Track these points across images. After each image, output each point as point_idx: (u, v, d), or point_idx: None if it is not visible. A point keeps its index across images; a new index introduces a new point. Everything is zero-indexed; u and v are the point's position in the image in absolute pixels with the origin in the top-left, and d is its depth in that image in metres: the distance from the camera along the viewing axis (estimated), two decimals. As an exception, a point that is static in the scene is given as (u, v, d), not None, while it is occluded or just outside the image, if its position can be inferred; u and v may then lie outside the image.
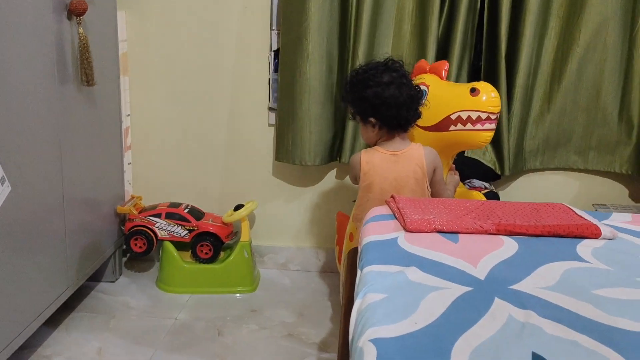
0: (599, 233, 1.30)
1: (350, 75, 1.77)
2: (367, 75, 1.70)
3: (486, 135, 1.76)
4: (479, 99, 1.72)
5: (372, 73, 1.70)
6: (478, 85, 1.74)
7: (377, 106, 1.68)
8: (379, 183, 1.73)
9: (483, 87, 1.74)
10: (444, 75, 1.84)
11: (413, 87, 1.72)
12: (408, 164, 1.72)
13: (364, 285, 1.08)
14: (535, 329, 0.92)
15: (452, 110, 1.75)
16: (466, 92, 1.74)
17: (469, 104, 1.73)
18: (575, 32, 2.16)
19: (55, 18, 1.73)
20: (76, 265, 1.96)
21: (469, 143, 1.81)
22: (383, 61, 1.74)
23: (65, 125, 1.83)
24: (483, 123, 1.73)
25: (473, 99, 1.73)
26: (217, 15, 2.30)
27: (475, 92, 1.73)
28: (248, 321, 2.07)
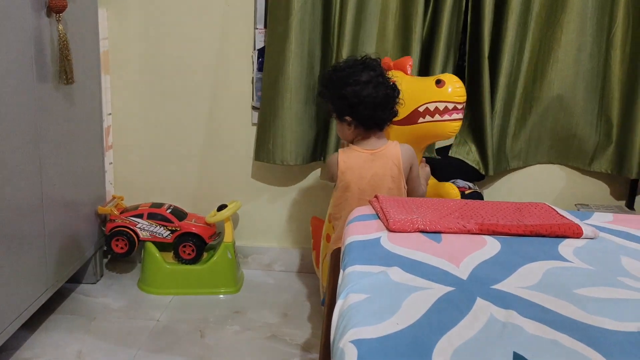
0: (580, 232, 1.31)
1: (329, 72, 1.77)
2: (345, 73, 1.70)
3: (454, 125, 1.80)
4: (445, 90, 1.77)
5: (351, 71, 1.69)
6: (443, 77, 1.79)
7: (355, 105, 1.68)
8: (357, 182, 1.73)
9: (448, 78, 1.79)
10: (408, 71, 1.86)
11: (390, 85, 1.72)
12: (385, 162, 1.72)
13: (346, 286, 1.07)
14: (516, 329, 0.92)
15: (420, 103, 1.78)
16: (432, 85, 1.78)
17: (436, 95, 1.77)
18: (556, 32, 2.18)
19: (34, 15, 1.70)
20: (56, 266, 1.93)
21: (438, 134, 1.84)
22: (361, 59, 1.74)
23: (44, 125, 1.80)
24: (450, 113, 1.77)
25: (439, 90, 1.77)
26: (200, 13, 2.28)
27: (441, 84, 1.77)
28: (231, 322, 2.05)
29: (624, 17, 2.16)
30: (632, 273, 1.15)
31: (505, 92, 2.19)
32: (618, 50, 2.20)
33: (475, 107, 2.23)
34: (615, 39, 2.19)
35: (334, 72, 1.73)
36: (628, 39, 2.18)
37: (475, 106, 2.22)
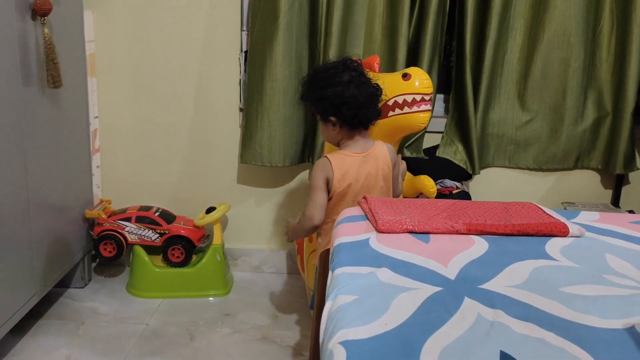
0: (567, 231, 1.32)
1: (310, 75, 1.77)
2: (327, 74, 1.70)
3: (423, 117, 1.85)
4: (412, 82, 1.83)
5: (332, 72, 1.69)
6: (409, 71, 1.86)
7: (338, 106, 1.68)
8: (353, 187, 1.71)
9: (414, 71, 1.86)
10: (376, 68, 1.88)
11: (372, 85, 1.72)
12: (376, 163, 1.72)
13: (335, 287, 1.07)
14: (503, 328, 0.93)
15: (389, 97, 1.83)
16: (399, 79, 1.85)
17: (403, 88, 1.83)
18: (539, 32, 2.20)
19: (18, 18, 1.69)
20: (43, 271, 1.92)
21: (408, 126, 1.88)
22: (341, 60, 1.74)
23: (29, 129, 1.78)
24: (419, 105, 1.83)
25: (406, 83, 1.83)
26: (187, 15, 2.27)
27: (407, 77, 1.84)
28: (221, 325, 2.05)
29: (609, 15, 2.19)
30: (617, 270, 1.17)
31: (489, 92, 2.21)
32: (604, 49, 2.22)
33: (461, 106, 2.24)
34: (600, 38, 2.22)
35: (315, 75, 1.74)
36: (613, 37, 2.21)
37: (461, 105, 2.24)
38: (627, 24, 2.15)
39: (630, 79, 2.17)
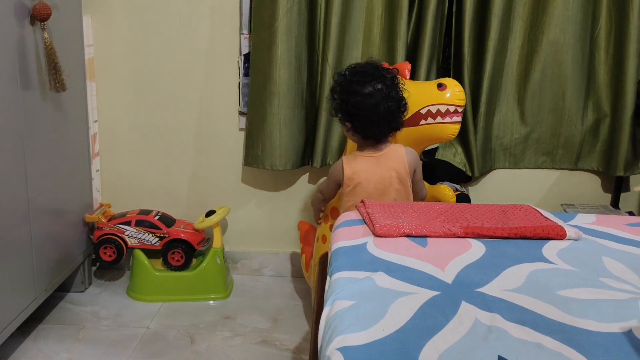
0: (564, 234, 1.33)
1: (343, 73, 1.77)
2: (354, 79, 1.71)
3: (454, 128, 1.86)
4: (445, 93, 1.84)
5: (357, 80, 1.70)
6: (444, 81, 1.87)
7: (354, 115, 1.72)
8: (364, 186, 1.75)
9: (449, 82, 1.87)
10: (407, 75, 1.90)
11: (396, 99, 1.71)
12: (390, 164, 1.75)
13: (332, 292, 1.08)
14: (500, 332, 0.93)
15: (422, 105, 1.84)
16: (434, 88, 1.85)
17: (437, 98, 1.83)
18: (538, 34, 2.20)
19: (17, 24, 1.70)
20: (44, 275, 1.92)
21: (438, 136, 1.90)
22: (372, 67, 1.73)
23: (29, 133, 1.79)
24: (452, 116, 1.84)
25: (441, 93, 1.84)
26: (186, 19, 2.28)
27: (442, 87, 1.84)
28: (221, 328, 2.05)
29: (606, 17, 2.19)
30: (614, 273, 1.17)
31: (490, 93, 2.21)
32: (602, 51, 2.23)
33: (460, 109, 2.24)
34: (599, 40, 2.22)
35: (345, 76, 1.75)
36: (611, 39, 2.21)
37: (460, 108, 2.24)
38: (624, 26, 2.15)
39: (629, 80, 2.17)
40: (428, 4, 2.12)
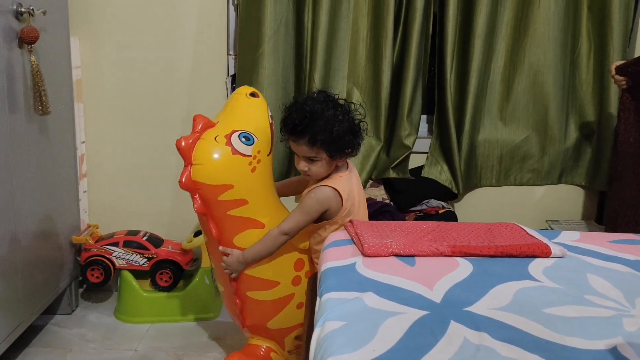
0: (549, 252, 1.35)
1: (311, 115, 1.58)
2: (333, 110, 1.60)
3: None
4: (263, 100, 1.75)
5: (331, 106, 1.61)
6: (250, 89, 1.75)
7: (355, 136, 1.64)
8: (357, 206, 1.69)
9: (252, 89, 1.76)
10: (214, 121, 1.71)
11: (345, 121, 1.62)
12: (357, 176, 1.75)
13: (322, 313, 1.08)
14: (489, 351, 0.95)
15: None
16: (248, 100, 1.72)
17: (263, 111, 1.73)
18: (520, 54, 2.26)
19: (5, 47, 1.70)
20: (30, 298, 1.90)
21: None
22: (324, 93, 1.65)
23: (16, 155, 1.79)
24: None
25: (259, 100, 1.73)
26: (173, 39, 2.30)
27: (255, 95, 1.73)
28: (210, 349, 2.04)
29: (586, 38, 2.25)
30: (598, 290, 1.19)
31: (473, 112, 2.25)
32: (583, 70, 2.28)
33: (444, 127, 2.28)
34: (579, 60, 2.28)
35: (321, 114, 1.57)
36: (591, 59, 2.27)
37: (444, 126, 2.28)
38: (604, 46, 2.21)
39: (612, 98, 2.22)
40: (412, 25, 2.16)
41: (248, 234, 1.65)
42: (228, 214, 1.62)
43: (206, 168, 1.58)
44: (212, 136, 1.61)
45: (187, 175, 1.58)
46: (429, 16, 2.21)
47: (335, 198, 1.62)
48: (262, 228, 1.66)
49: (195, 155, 1.59)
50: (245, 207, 1.62)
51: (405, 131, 2.25)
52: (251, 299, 1.72)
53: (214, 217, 1.63)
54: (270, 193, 1.72)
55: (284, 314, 1.74)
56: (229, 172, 1.59)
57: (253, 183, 1.64)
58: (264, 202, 1.68)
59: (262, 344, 1.81)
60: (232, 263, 1.65)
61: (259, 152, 1.64)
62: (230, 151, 1.59)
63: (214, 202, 1.60)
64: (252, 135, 1.64)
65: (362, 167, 2.27)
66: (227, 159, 1.59)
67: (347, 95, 2.27)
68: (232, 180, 1.59)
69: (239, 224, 1.64)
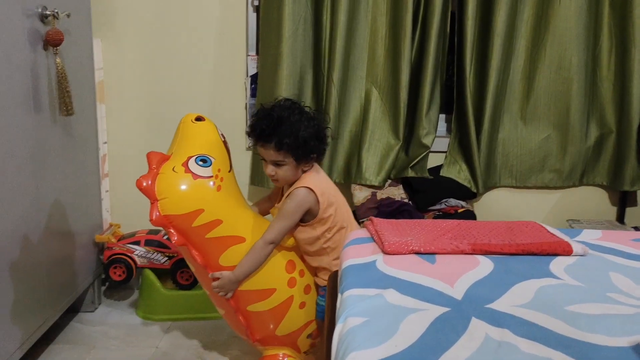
0: (570, 250, 1.34)
1: (277, 120, 1.64)
2: (299, 116, 1.67)
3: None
4: (209, 122, 1.79)
5: (297, 111, 1.69)
6: (195, 115, 1.80)
7: (321, 140, 1.71)
8: (335, 198, 1.72)
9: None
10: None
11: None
12: (325, 176, 1.78)
13: (344, 310, 1.09)
14: (511, 348, 0.95)
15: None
16: (195, 125, 1.77)
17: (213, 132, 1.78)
18: (540, 52, 2.24)
19: (31, 49, 1.74)
20: (55, 296, 1.94)
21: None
22: (288, 100, 1.72)
23: (41, 155, 1.82)
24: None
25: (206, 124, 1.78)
26: (193, 41, 2.33)
27: (201, 119, 1.78)
28: (230, 347, 2.06)
29: (607, 34, 2.23)
30: (621, 289, 1.18)
31: (493, 111, 2.24)
32: (604, 68, 2.26)
33: (463, 126, 2.28)
34: (600, 57, 2.26)
35: (287, 119, 1.63)
36: (612, 56, 2.24)
37: (463, 125, 2.27)
38: (626, 42, 2.19)
39: (634, 96, 2.20)
40: (431, 23, 2.16)
41: (232, 251, 1.66)
42: (207, 237, 1.63)
43: (172, 200, 1.60)
44: (170, 168, 1.63)
45: (157, 212, 1.60)
46: (447, 14, 2.21)
47: (310, 196, 1.66)
48: (244, 242, 1.67)
49: (158, 191, 1.61)
50: (221, 226, 1.63)
51: (423, 130, 2.25)
52: (253, 312, 1.73)
53: (194, 244, 1.64)
54: (242, 206, 1.74)
55: (289, 318, 1.75)
56: (195, 198, 1.61)
57: (222, 201, 1.65)
58: (238, 217, 1.69)
59: (278, 352, 1.82)
60: (225, 285, 1.67)
61: (220, 171, 1.67)
62: (191, 177, 1.61)
63: (190, 230, 1.61)
64: (208, 156, 1.67)
65: (381, 167, 2.27)
66: (191, 185, 1.61)
67: (366, 95, 2.28)
68: (200, 204, 1.61)
69: (220, 244, 1.65)
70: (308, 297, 1.77)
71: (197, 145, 1.70)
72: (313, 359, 1.89)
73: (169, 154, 1.72)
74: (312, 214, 1.68)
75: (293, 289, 1.74)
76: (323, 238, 1.70)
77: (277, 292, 1.72)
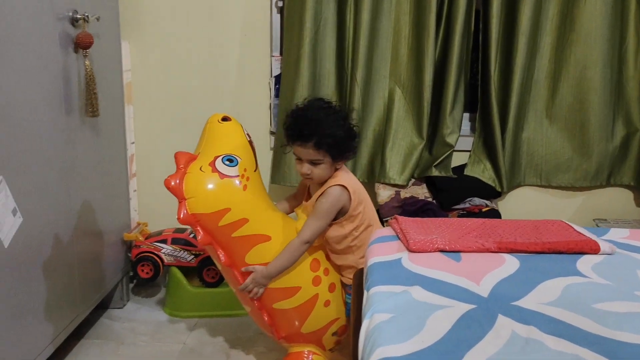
0: (597, 249, 1.34)
1: (316, 120, 1.67)
2: (336, 114, 1.72)
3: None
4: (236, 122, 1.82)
5: (333, 110, 1.74)
6: (221, 115, 1.82)
7: (354, 139, 1.76)
8: (364, 197, 1.75)
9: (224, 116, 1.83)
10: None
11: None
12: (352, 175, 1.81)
13: (370, 306, 1.11)
14: (538, 345, 0.95)
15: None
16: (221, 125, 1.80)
17: (239, 132, 1.81)
18: (566, 51, 2.22)
19: (62, 52, 1.78)
20: (85, 292, 1.99)
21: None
22: (320, 99, 1.77)
23: (73, 156, 1.87)
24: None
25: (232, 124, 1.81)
26: (218, 42, 2.36)
27: (226, 119, 1.80)
28: (256, 344, 2.09)
29: (634, 33, 2.20)
30: (650, 287, 1.18)
31: (517, 110, 2.23)
32: (630, 66, 2.23)
33: (488, 125, 2.27)
34: (627, 55, 2.23)
35: (325, 118, 1.67)
36: (639, 55, 2.21)
37: (488, 124, 2.27)
38: (653, 40, 2.16)
39: (660, 94, 2.17)
40: (455, 22, 2.16)
41: (257, 250, 1.68)
42: (233, 236, 1.65)
43: (200, 199, 1.62)
44: (197, 167, 1.66)
45: (184, 211, 1.63)
46: (471, 13, 2.20)
47: (344, 194, 1.68)
48: (269, 241, 1.69)
49: (186, 190, 1.63)
50: (247, 225, 1.65)
51: (447, 129, 2.25)
52: (278, 310, 1.75)
53: (221, 243, 1.66)
54: (268, 205, 1.75)
55: (314, 316, 1.77)
56: (222, 197, 1.63)
57: (248, 200, 1.67)
58: (263, 215, 1.71)
59: (303, 349, 1.84)
60: (258, 279, 1.69)
61: (246, 170, 1.69)
62: (218, 176, 1.64)
63: (216, 229, 1.64)
64: (235, 156, 1.69)
65: (405, 166, 2.28)
66: (217, 184, 1.63)
67: (389, 94, 2.29)
68: (227, 203, 1.63)
69: (247, 243, 1.67)
70: (333, 295, 1.78)
71: (224, 145, 1.73)
72: (338, 356, 1.90)
73: (196, 153, 1.75)
74: (343, 211, 1.70)
75: (318, 287, 1.75)
76: (351, 236, 1.71)
77: (302, 290, 1.73)
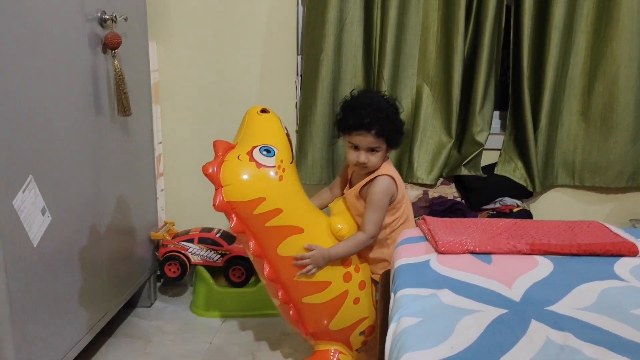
0: (636, 251, 1.28)
1: (385, 109, 1.72)
2: (394, 106, 1.77)
3: None
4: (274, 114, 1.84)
5: (390, 101, 1.79)
6: (260, 107, 1.84)
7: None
8: (404, 190, 1.79)
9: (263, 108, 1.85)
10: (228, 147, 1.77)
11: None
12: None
13: (397, 310, 1.08)
14: (574, 352, 0.91)
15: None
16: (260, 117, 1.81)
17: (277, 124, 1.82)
18: (602, 47, 2.14)
19: (91, 52, 1.80)
20: (113, 291, 2.01)
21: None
22: (371, 90, 1.86)
23: (101, 155, 1.89)
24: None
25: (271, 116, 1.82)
26: (245, 41, 2.36)
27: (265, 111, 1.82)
28: (282, 344, 2.07)
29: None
30: (693, 292, 1.12)
31: (551, 107, 2.17)
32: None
33: (519, 123, 2.21)
34: None
35: (388, 108, 1.73)
36: (678, 50, 2.13)
37: (519, 122, 2.21)
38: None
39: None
40: (485, 17, 2.11)
41: (290, 241, 1.67)
42: (266, 225, 1.65)
43: (236, 186, 1.63)
44: (235, 156, 1.67)
45: (220, 197, 1.63)
46: (502, 8, 2.14)
47: (393, 185, 1.71)
48: (302, 233, 1.68)
49: (223, 177, 1.64)
50: (281, 215, 1.65)
51: (477, 127, 2.20)
52: (307, 304, 1.74)
53: (254, 232, 1.67)
54: (302, 198, 1.75)
55: (342, 313, 1.75)
56: (258, 186, 1.64)
57: (283, 191, 1.68)
58: (297, 207, 1.71)
59: (330, 347, 1.82)
60: (317, 258, 1.68)
61: (282, 162, 1.69)
62: (255, 166, 1.64)
63: (251, 217, 1.64)
64: (272, 147, 1.70)
65: (433, 165, 2.24)
66: (254, 173, 1.64)
67: (417, 91, 2.25)
68: (263, 192, 1.63)
69: (279, 233, 1.67)
70: (363, 292, 1.76)
71: (262, 135, 1.74)
72: (365, 357, 1.88)
73: (234, 143, 1.76)
74: (390, 202, 1.72)
75: (348, 283, 1.74)
76: (389, 228, 1.73)
77: (332, 285, 1.72)
